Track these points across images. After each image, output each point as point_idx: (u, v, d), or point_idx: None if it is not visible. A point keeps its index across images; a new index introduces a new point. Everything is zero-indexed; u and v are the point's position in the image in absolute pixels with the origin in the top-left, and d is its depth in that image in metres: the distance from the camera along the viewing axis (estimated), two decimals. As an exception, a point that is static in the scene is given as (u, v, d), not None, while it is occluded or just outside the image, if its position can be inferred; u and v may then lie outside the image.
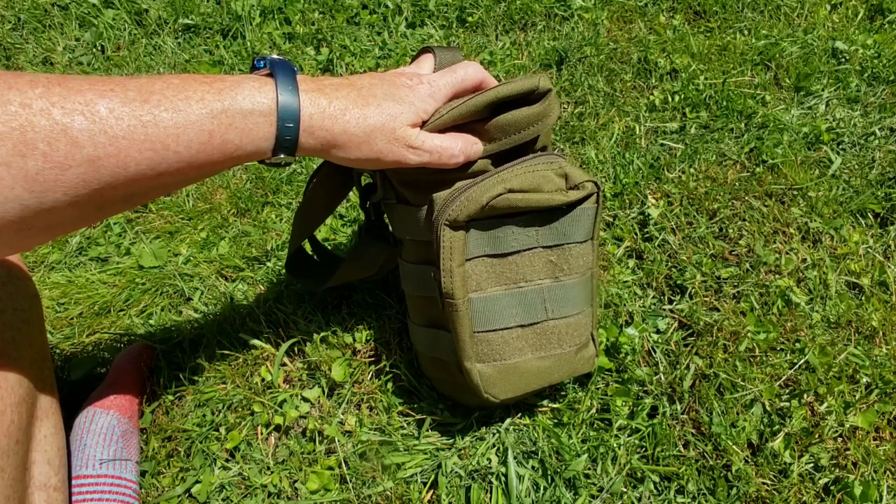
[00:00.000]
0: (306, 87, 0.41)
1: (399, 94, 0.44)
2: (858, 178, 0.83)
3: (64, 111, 0.32)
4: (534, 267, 0.53)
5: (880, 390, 0.63)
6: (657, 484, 0.58)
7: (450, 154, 0.47)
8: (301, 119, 0.40)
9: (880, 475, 0.58)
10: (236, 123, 0.38)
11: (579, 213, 0.53)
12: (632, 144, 0.90)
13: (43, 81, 0.33)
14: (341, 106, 0.41)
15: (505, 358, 0.54)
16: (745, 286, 0.72)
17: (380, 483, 0.58)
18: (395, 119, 0.43)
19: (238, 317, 0.72)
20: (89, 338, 0.73)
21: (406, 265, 0.56)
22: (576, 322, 0.56)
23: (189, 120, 0.36)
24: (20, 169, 0.31)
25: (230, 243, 0.82)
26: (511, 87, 0.47)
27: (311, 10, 1.16)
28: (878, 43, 1.03)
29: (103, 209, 0.37)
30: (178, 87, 0.36)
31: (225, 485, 0.60)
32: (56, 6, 1.17)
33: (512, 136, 0.49)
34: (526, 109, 0.48)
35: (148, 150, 0.35)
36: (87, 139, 0.33)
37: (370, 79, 0.45)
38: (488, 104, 0.48)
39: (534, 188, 0.50)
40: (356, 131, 0.42)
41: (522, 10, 1.13)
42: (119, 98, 0.34)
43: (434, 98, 0.46)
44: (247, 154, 0.40)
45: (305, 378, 0.67)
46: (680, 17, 1.12)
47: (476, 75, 0.49)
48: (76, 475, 0.56)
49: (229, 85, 0.38)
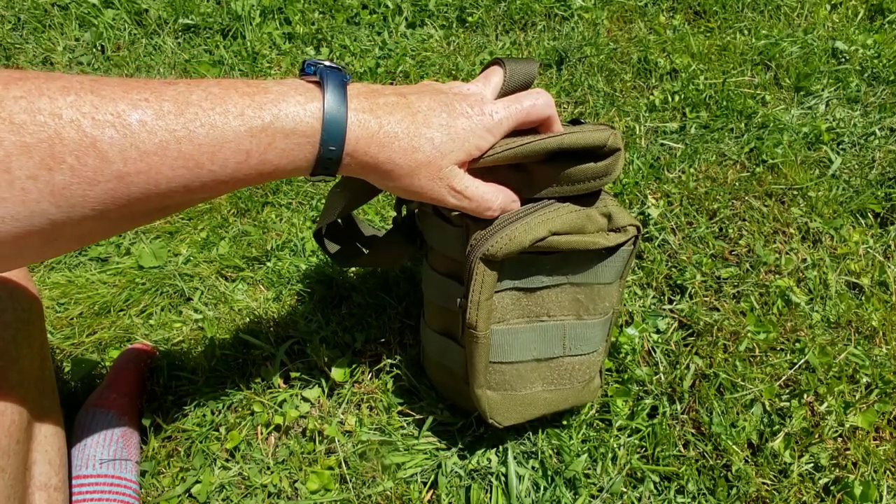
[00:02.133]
0: (357, 105, 0.37)
1: (456, 127, 0.40)
2: (858, 178, 0.83)
3: (94, 122, 0.30)
4: (560, 303, 0.52)
5: (880, 390, 0.63)
6: (657, 484, 0.58)
7: (487, 206, 0.44)
8: (346, 142, 0.37)
9: (880, 475, 0.58)
10: (276, 143, 0.35)
11: (615, 256, 0.50)
12: (632, 144, 0.90)
13: (76, 87, 0.31)
14: (392, 132, 0.38)
15: (515, 389, 0.54)
16: (745, 286, 0.72)
17: (380, 483, 0.58)
18: (445, 157, 0.40)
19: (238, 317, 0.72)
20: (89, 338, 0.73)
21: (431, 272, 0.54)
22: (589, 360, 0.55)
23: (226, 137, 0.33)
24: (47, 183, 0.30)
25: (230, 243, 0.82)
26: (578, 138, 0.43)
27: (311, 9, 1.16)
28: (878, 43, 1.03)
29: (134, 221, 0.36)
30: (217, 98, 0.34)
31: (225, 485, 0.60)
32: (56, 6, 1.17)
33: (563, 187, 0.46)
34: (588, 165, 0.44)
35: (181, 167, 0.33)
36: (116, 154, 0.31)
37: (429, 100, 0.40)
38: (548, 152, 0.44)
39: (577, 230, 0.47)
40: (401, 163, 0.39)
41: (522, 10, 1.13)
42: (153, 109, 0.32)
43: (492, 134, 0.42)
44: (284, 173, 0.37)
45: (305, 378, 0.67)
46: (680, 17, 1.12)
47: (544, 111, 0.44)
48: (76, 475, 0.56)
49: (272, 98, 0.35)
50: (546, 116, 0.44)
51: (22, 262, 0.35)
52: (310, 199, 0.87)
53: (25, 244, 0.32)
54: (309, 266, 0.77)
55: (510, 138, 0.44)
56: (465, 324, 0.49)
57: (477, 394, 0.53)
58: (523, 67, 0.45)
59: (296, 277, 0.76)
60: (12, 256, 0.33)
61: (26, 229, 0.31)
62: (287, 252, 0.80)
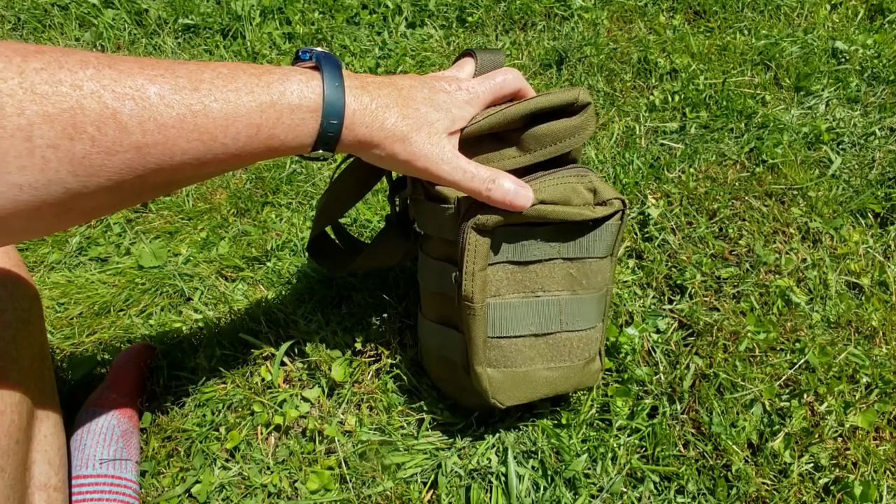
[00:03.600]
0: (351, 83, 0.40)
1: (437, 100, 0.44)
2: (858, 177, 0.83)
3: (115, 95, 0.31)
4: (553, 278, 0.53)
5: (880, 390, 0.63)
6: (657, 484, 0.58)
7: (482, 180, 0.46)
8: (345, 116, 0.40)
9: (880, 475, 0.58)
10: (283, 118, 0.38)
11: (603, 229, 0.52)
12: (632, 144, 0.90)
13: (93, 62, 0.32)
14: (383, 104, 0.41)
15: (516, 366, 0.54)
16: (745, 286, 0.72)
17: (380, 483, 0.58)
18: (433, 125, 0.43)
19: (238, 317, 0.72)
20: (89, 338, 0.73)
21: (427, 259, 0.56)
22: (587, 336, 0.56)
23: (238, 112, 0.36)
24: (67, 152, 0.31)
25: (230, 243, 0.82)
26: (550, 98, 0.47)
27: (311, 9, 1.16)
28: (878, 43, 1.03)
29: (142, 194, 0.37)
30: (228, 76, 0.36)
31: (225, 485, 0.60)
32: (56, 6, 1.17)
33: (547, 148, 0.49)
34: (563, 121, 0.48)
35: (196, 139, 0.34)
36: (136, 125, 0.32)
37: (410, 80, 0.45)
38: (525, 115, 0.47)
39: (564, 200, 0.49)
40: (394, 129, 0.42)
41: (522, 10, 1.13)
42: (170, 84, 0.33)
43: (472, 105, 0.46)
44: (289, 148, 0.39)
45: (305, 378, 0.67)
46: (680, 17, 1.12)
47: (515, 83, 0.48)
48: (76, 475, 0.56)
49: (277, 78, 0.38)
50: (518, 88, 0.49)
51: (30, 234, 0.36)
52: (310, 199, 0.87)
53: (39, 215, 0.33)
54: (309, 266, 0.77)
55: (488, 109, 0.48)
56: (462, 297, 0.51)
57: (477, 371, 0.53)
58: (491, 56, 0.51)
59: (296, 277, 0.76)
60: (22, 229, 0.34)
61: (43, 198, 0.32)
62: (287, 252, 0.80)
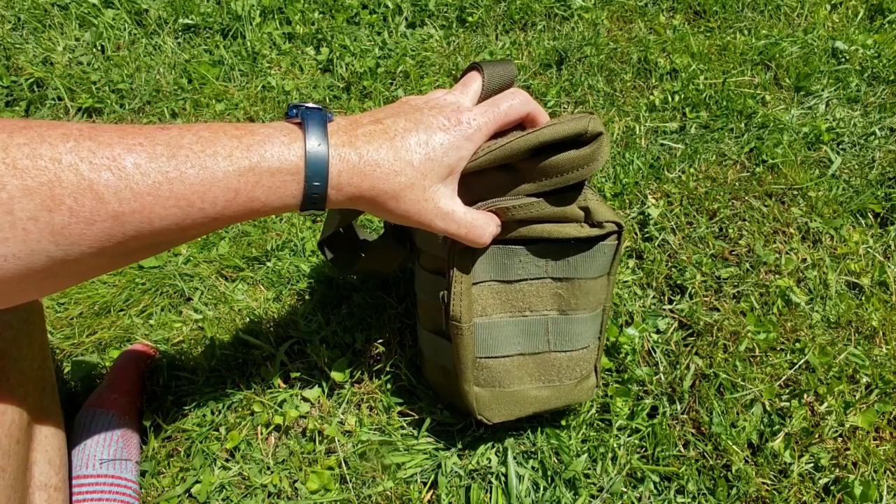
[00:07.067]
0: (337, 140, 0.39)
1: (434, 143, 0.41)
2: (858, 178, 0.83)
3: (92, 166, 0.32)
4: (540, 297, 0.52)
5: (880, 390, 0.63)
6: (657, 484, 0.58)
7: (479, 234, 0.45)
8: (329, 177, 0.38)
9: (880, 475, 0.58)
10: (263, 181, 0.37)
11: (596, 251, 0.50)
12: (632, 144, 0.90)
13: (75, 134, 0.33)
14: (372, 161, 0.40)
15: (504, 385, 0.54)
16: (745, 286, 0.72)
17: (380, 483, 0.58)
18: (427, 177, 0.41)
19: (238, 317, 0.72)
20: (89, 338, 0.73)
21: (422, 272, 0.56)
22: (579, 356, 0.55)
23: (215, 177, 0.35)
24: (47, 223, 0.32)
25: (230, 243, 0.82)
26: (556, 130, 0.43)
27: (311, 9, 1.16)
28: (878, 43, 1.03)
29: (130, 257, 0.37)
30: (208, 141, 0.36)
31: (225, 485, 0.60)
32: (56, 6, 1.17)
33: (552, 179, 0.45)
34: (570, 153, 0.44)
35: (173, 206, 0.35)
36: (112, 195, 0.33)
37: (405, 121, 0.42)
38: (529, 149, 0.44)
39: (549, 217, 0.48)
40: (385, 188, 0.40)
41: (522, 10, 1.13)
42: (147, 153, 0.34)
43: (472, 141, 0.43)
44: (274, 208, 0.39)
45: (305, 378, 0.67)
46: (680, 17, 1.12)
47: (522, 108, 0.45)
48: (76, 475, 0.56)
49: (259, 140, 0.37)
50: (526, 113, 0.45)
51: (25, 297, 0.36)
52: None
53: (27, 281, 0.34)
54: (309, 266, 0.77)
55: (492, 140, 0.44)
56: (450, 317, 0.50)
57: (465, 389, 0.53)
58: (501, 70, 0.46)
59: (296, 277, 0.76)
60: (16, 293, 0.35)
61: (27, 266, 0.33)
62: (287, 252, 0.80)
